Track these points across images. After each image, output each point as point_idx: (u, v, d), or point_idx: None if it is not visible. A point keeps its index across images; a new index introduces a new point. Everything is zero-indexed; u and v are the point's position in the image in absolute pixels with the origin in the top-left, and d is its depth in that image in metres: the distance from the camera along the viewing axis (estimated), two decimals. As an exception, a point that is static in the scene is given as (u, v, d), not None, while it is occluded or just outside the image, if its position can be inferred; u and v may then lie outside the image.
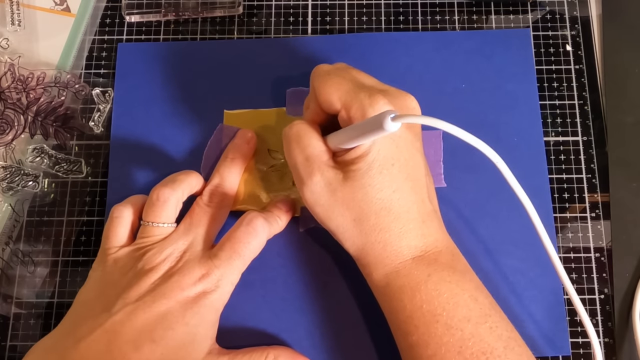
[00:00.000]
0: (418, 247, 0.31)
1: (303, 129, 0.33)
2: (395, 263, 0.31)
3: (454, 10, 0.44)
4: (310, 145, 0.32)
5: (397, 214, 0.31)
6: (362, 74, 0.34)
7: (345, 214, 0.31)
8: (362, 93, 0.31)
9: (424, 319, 0.30)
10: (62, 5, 0.44)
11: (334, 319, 0.37)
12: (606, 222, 0.40)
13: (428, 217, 0.32)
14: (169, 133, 0.41)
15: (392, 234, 0.31)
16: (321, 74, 0.33)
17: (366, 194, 0.31)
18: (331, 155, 0.33)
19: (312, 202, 0.32)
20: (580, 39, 0.43)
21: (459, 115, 0.41)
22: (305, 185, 0.32)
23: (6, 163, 0.40)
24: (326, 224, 0.33)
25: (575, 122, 0.42)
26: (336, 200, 0.31)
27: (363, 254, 0.32)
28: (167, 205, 0.34)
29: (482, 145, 0.28)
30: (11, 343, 0.38)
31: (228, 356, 0.34)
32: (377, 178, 0.31)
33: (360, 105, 0.31)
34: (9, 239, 0.40)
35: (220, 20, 0.44)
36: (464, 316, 0.30)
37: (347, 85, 0.32)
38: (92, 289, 0.34)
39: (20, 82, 0.41)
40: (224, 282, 0.33)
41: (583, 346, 0.37)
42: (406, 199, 0.31)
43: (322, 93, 0.32)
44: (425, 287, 0.30)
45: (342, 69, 0.34)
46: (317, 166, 0.32)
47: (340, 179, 0.31)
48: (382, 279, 0.32)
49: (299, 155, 0.32)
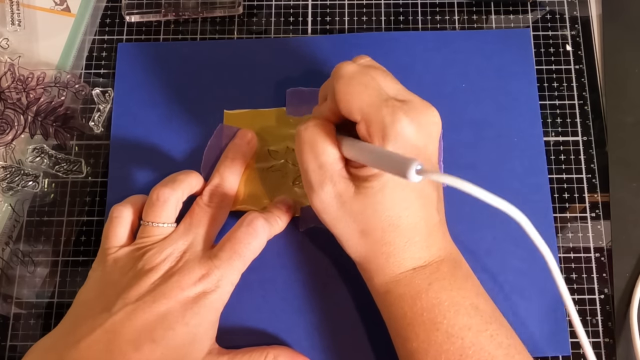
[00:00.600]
0: (422, 258, 0.31)
1: (318, 134, 0.31)
2: (397, 273, 0.31)
3: (454, 10, 0.44)
4: (324, 152, 0.31)
5: (404, 229, 0.31)
6: (388, 77, 0.32)
7: (352, 225, 0.31)
8: (385, 109, 0.30)
9: (425, 327, 0.30)
10: (62, 5, 0.44)
11: (333, 319, 0.37)
12: (606, 222, 0.40)
13: (434, 229, 0.32)
14: (169, 133, 0.41)
15: (396, 247, 0.31)
16: (344, 77, 0.31)
17: (376, 211, 0.31)
18: (345, 163, 0.32)
19: (320, 209, 0.32)
20: (580, 39, 0.43)
21: (459, 115, 0.41)
22: (315, 193, 0.31)
23: (6, 163, 0.40)
24: (331, 229, 0.33)
25: (575, 122, 0.42)
26: (345, 212, 0.31)
27: (365, 261, 0.32)
28: (167, 205, 0.34)
29: (507, 206, 0.26)
30: (11, 343, 0.38)
31: (228, 356, 0.34)
32: (388, 197, 0.30)
33: (381, 122, 0.29)
34: (9, 239, 0.40)
35: (220, 20, 0.44)
36: (465, 324, 0.30)
37: (369, 97, 0.30)
38: (92, 289, 0.34)
39: (20, 82, 0.41)
40: (224, 282, 0.33)
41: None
42: (415, 216, 0.31)
43: (343, 100, 0.31)
44: (426, 296, 0.30)
45: (367, 72, 0.31)
46: (329, 175, 0.31)
47: (351, 192, 0.31)
48: (383, 285, 0.32)
49: (312, 162, 0.31)
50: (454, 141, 0.40)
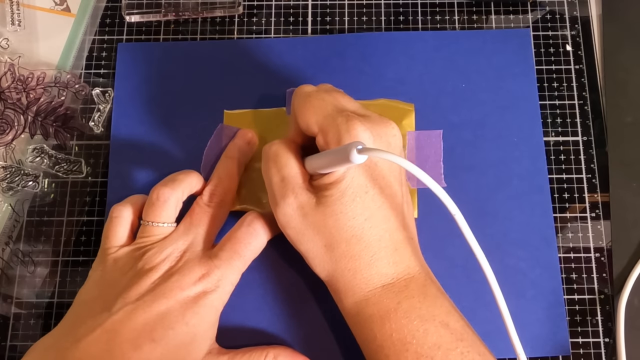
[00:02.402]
0: (389, 274, 0.31)
1: (282, 149, 0.32)
2: (365, 291, 0.31)
3: (454, 10, 0.44)
4: (287, 166, 0.32)
5: (368, 242, 0.31)
6: (346, 97, 0.33)
7: (316, 239, 0.31)
8: (340, 118, 0.30)
9: (394, 348, 0.30)
10: (62, 5, 0.44)
11: (333, 319, 0.37)
12: (606, 222, 0.40)
13: (401, 245, 0.32)
14: (169, 133, 0.41)
15: (362, 262, 0.31)
16: (302, 95, 0.33)
17: (337, 221, 0.30)
18: (307, 179, 0.32)
19: (284, 223, 0.32)
20: (580, 39, 0.43)
21: (459, 115, 0.41)
22: (278, 206, 0.32)
23: (6, 163, 0.40)
24: (297, 247, 0.33)
25: (575, 122, 0.42)
26: (307, 225, 0.31)
27: (333, 280, 0.32)
28: (167, 205, 0.34)
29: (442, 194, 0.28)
30: (11, 343, 0.38)
31: (228, 356, 0.34)
32: (349, 205, 0.30)
33: (336, 130, 0.30)
34: (9, 239, 0.40)
35: (220, 20, 0.44)
36: (434, 343, 0.29)
37: (326, 109, 0.31)
38: (92, 288, 0.34)
39: (20, 82, 0.41)
40: (224, 282, 0.33)
41: (583, 346, 0.37)
42: (378, 227, 0.31)
43: (300, 115, 0.32)
44: (395, 315, 0.30)
45: (325, 92, 0.33)
46: (291, 188, 0.31)
47: (313, 203, 0.31)
48: (353, 307, 0.32)
49: (275, 175, 0.32)
50: (454, 141, 0.40)
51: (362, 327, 0.31)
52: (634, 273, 0.38)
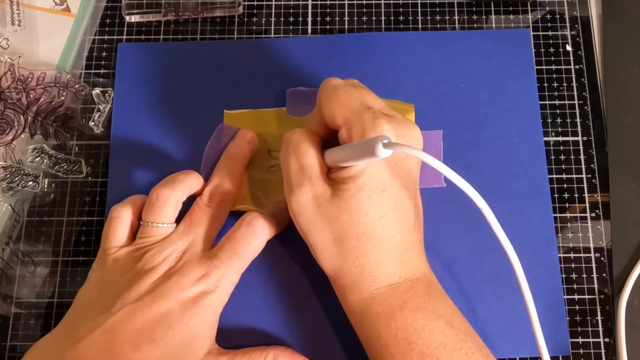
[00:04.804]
0: (396, 274, 0.31)
1: (303, 138, 0.32)
2: (371, 289, 0.31)
3: (454, 10, 0.44)
4: (306, 155, 0.32)
5: (379, 240, 0.31)
6: (373, 95, 0.33)
7: (327, 231, 0.31)
8: (367, 114, 0.30)
9: (399, 347, 0.30)
10: (62, 5, 0.44)
11: (333, 319, 0.37)
12: (606, 222, 0.40)
13: (410, 246, 0.32)
14: (169, 133, 0.41)
15: (370, 260, 0.31)
16: (329, 88, 0.33)
17: (350, 216, 0.30)
18: (325, 170, 0.32)
19: (296, 212, 0.32)
20: (580, 39, 0.43)
21: (459, 115, 0.41)
22: (293, 193, 0.32)
23: (6, 163, 0.40)
24: (306, 237, 0.32)
25: (575, 122, 0.42)
26: (320, 216, 0.31)
27: (339, 275, 0.32)
28: (167, 206, 0.34)
29: (469, 189, 0.28)
30: (11, 343, 0.38)
31: (227, 356, 0.34)
32: (364, 202, 0.30)
33: (361, 125, 0.30)
34: (9, 239, 0.40)
35: (220, 20, 0.44)
36: (440, 343, 0.29)
37: (352, 104, 0.31)
38: (91, 289, 0.34)
39: (20, 82, 0.41)
40: (224, 282, 0.33)
41: (583, 346, 0.37)
42: (390, 227, 0.31)
43: (327, 107, 0.32)
44: (400, 315, 0.30)
45: (353, 87, 0.33)
46: (308, 177, 0.31)
47: (328, 195, 0.31)
48: (357, 304, 0.32)
49: (293, 163, 0.32)
50: (454, 141, 0.40)
51: (366, 325, 0.31)
52: (634, 273, 0.38)
